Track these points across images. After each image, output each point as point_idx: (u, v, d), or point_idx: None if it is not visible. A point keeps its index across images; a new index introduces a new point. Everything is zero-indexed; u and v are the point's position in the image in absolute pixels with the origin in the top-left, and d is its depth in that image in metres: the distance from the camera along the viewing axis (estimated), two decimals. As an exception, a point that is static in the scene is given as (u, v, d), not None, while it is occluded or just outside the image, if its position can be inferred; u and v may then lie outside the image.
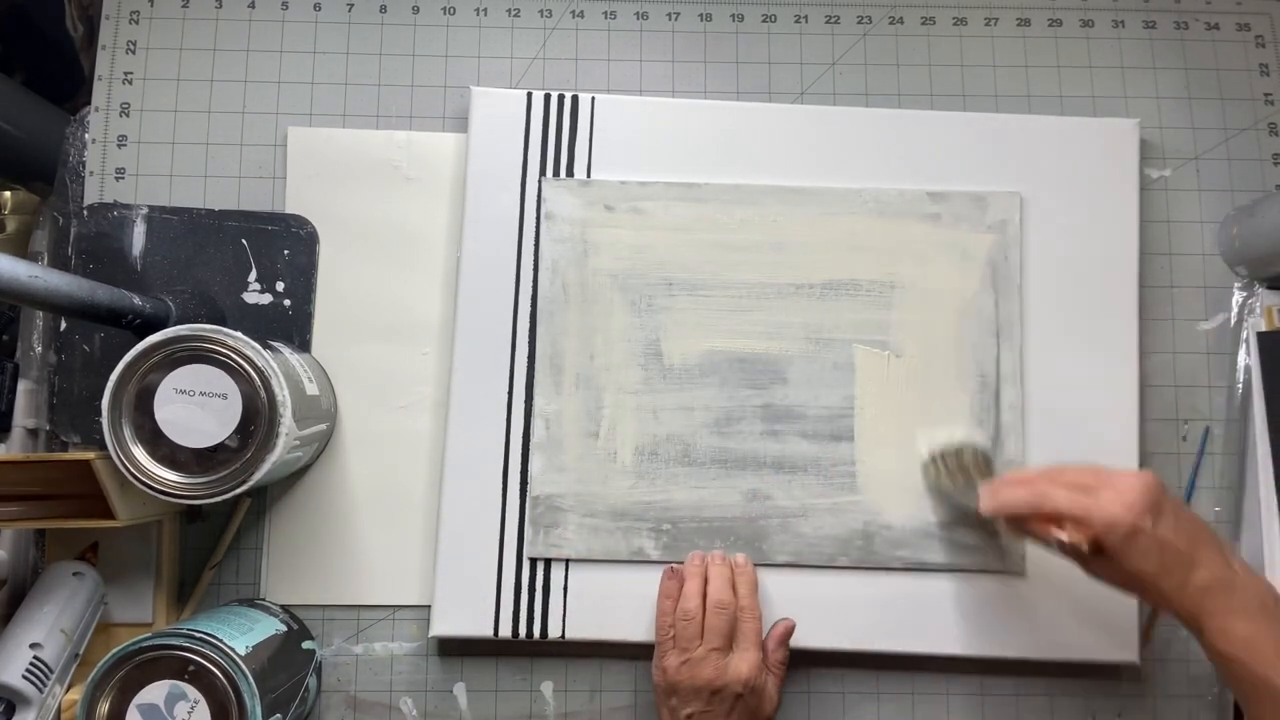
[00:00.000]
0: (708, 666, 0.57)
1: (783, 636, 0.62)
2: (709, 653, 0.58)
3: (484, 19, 0.71)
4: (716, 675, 0.57)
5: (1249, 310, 0.68)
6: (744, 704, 0.57)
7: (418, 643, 0.65)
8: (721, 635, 0.58)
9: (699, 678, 0.57)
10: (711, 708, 0.57)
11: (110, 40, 0.69)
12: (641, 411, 0.65)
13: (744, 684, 0.57)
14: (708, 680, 0.57)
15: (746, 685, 0.57)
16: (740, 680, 0.57)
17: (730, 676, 0.57)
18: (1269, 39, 0.71)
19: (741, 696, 0.57)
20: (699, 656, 0.58)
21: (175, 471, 0.53)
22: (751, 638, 0.59)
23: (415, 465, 0.66)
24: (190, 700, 0.52)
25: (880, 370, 0.65)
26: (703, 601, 0.60)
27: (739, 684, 0.57)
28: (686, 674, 0.57)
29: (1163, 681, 0.65)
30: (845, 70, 0.71)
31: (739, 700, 0.57)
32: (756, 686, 0.58)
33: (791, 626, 0.62)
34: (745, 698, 0.57)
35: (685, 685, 0.57)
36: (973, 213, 0.66)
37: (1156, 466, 0.67)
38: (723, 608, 0.59)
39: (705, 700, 0.57)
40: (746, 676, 0.57)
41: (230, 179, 0.68)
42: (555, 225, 0.66)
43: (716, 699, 0.57)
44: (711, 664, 0.57)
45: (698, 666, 0.57)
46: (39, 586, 0.60)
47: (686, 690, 0.57)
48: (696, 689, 0.57)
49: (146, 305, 0.58)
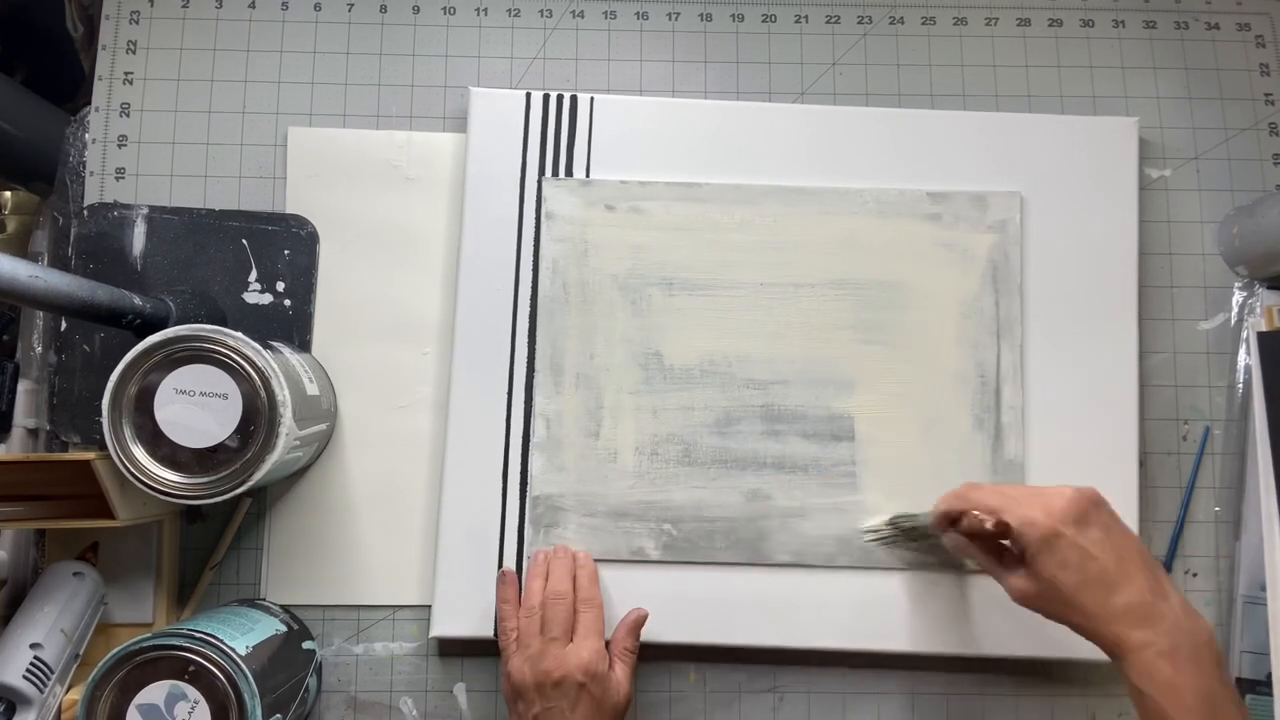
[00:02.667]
0: (547, 658, 0.56)
1: (633, 625, 0.61)
2: (548, 643, 0.57)
3: (484, 19, 0.71)
4: (556, 665, 0.55)
5: (1249, 310, 0.68)
6: (588, 694, 0.55)
7: (418, 643, 0.65)
8: (560, 625, 0.58)
9: (539, 670, 0.56)
10: (554, 702, 0.55)
11: (110, 40, 0.69)
12: (641, 411, 0.65)
13: (584, 671, 0.55)
14: (547, 671, 0.55)
15: (587, 673, 0.55)
16: (580, 667, 0.55)
17: (571, 665, 0.55)
18: (1269, 39, 0.71)
19: (584, 686, 0.55)
20: (538, 650, 0.57)
21: (175, 471, 0.53)
22: (592, 626, 0.58)
23: (415, 465, 0.66)
24: (190, 700, 0.52)
25: (880, 370, 0.65)
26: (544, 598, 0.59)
27: (579, 671, 0.55)
28: (529, 671, 0.56)
29: (1163, 681, 0.65)
30: (845, 70, 0.71)
31: (582, 690, 0.55)
32: (599, 674, 0.56)
33: (643, 616, 0.61)
34: (588, 687, 0.55)
35: (529, 684, 0.56)
36: (973, 213, 0.66)
37: (1156, 466, 0.67)
38: (560, 598, 0.59)
39: (547, 695, 0.55)
40: (586, 662, 0.56)
41: (230, 179, 0.68)
42: (555, 225, 0.66)
43: (558, 691, 0.55)
44: (551, 655, 0.56)
45: (538, 660, 0.56)
46: (39, 586, 0.60)
47: (530, 689, 0.56)
48: (539, 684, 0.55)
49: (147, 305, 0.58)
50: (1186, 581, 0.66)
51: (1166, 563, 0.66)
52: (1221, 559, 0.66)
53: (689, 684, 0.65)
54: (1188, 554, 0.66)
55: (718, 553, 0.64)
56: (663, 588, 0.63)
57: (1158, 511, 0.66)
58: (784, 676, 0.65)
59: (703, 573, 0.64)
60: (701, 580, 0.63)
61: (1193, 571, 0.66)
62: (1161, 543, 0.66)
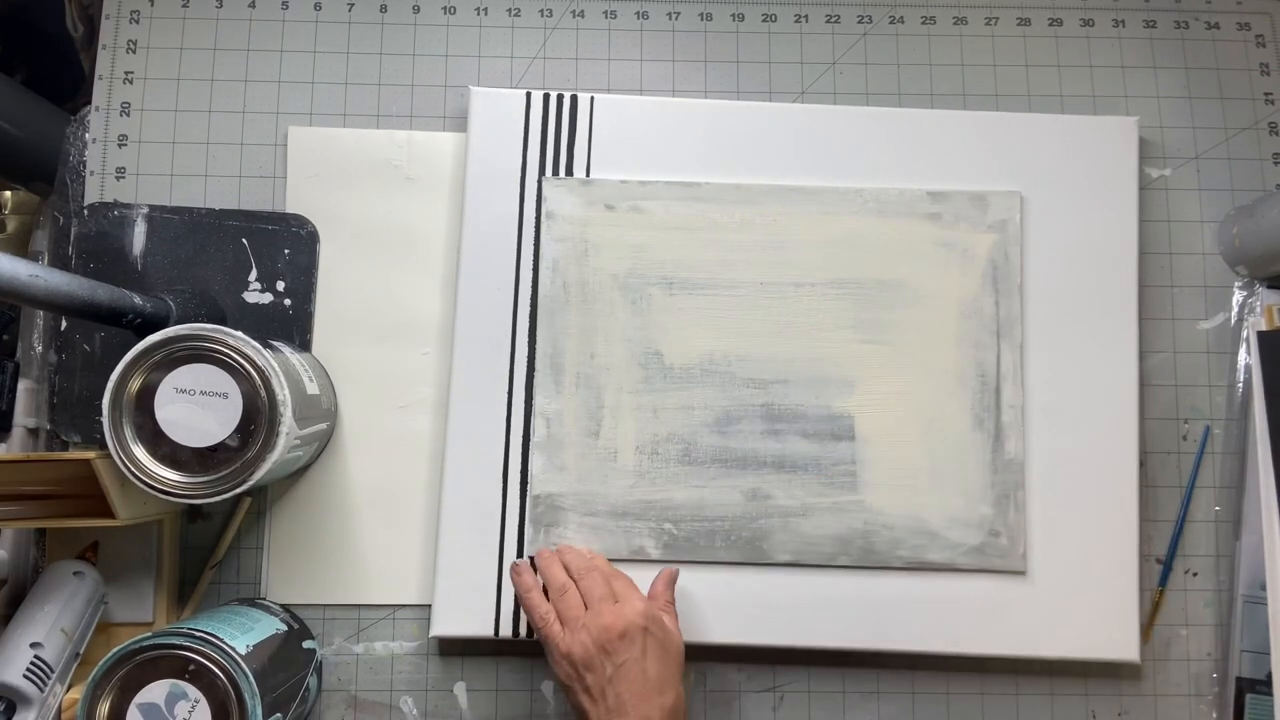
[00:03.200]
0: (604, 615, 0.55)
1: (669, 579, 0.61)
2: (598, 604, 0.56)
3: (484, 18, 0.71)
4: (616, 618, 0.55)
5: (1249, 310, 0.68)
6: (654, 639, 0.55)
7: (418, 642, 0.65)
8: (602, 588, 0.57)
9: (599, 628, 0.55)
10: (625, 654, 0.54)
11: (110, 40, 0.69)
12: (642, 411, 0.65)
13: (644, 616, 0.55)
14: (608, 627, 0.55)
15: (648, 617, 0.55)
16: (639, 614, 0.55)
17: (629, 615, 0.55)
18: (1269, 39, 0.71)
19: (648, 630, 0.55)
20: (592, 615, 0.56)
21: (176, 471, 0.53)
22: (629, 587, 0.59)
23: (415, 465, 0.66)
24: (191, 700, 0.52)
25: (880, 370, 0.65)
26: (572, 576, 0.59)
27: (640, 618, 0.55)
28: (589, 638, 0.55)
29: (1163, 681, 0.65)
30: (845, 70, 0.71)
31: (647, 636, 0.55)
32: (658, 619, 0.56)
33: (676, 572, 0.61)
34: (652, 631, 0.55)
35: (593, 650, 0.54)
36: (973, 212, 0.66)
37: (1156, 466, 0.67)
38: (591, 569, 0.59)
39: (616, 650, 0.54)
40: (643, 610, 0.56)
41: (230, 178, 0.68)
42: (555, 224, 0.66)
43: (625, 643, 0.54)
44: (607, 611, 0.55)
45: (595, 621, 0.55)
46: (39, 586, 0.60)
47: (595, 655, 0.54)
48: (603, 645, 0.54)
49: (147, 305, 0.58)
50: (1186, 581, 0.66)
51: (1166, 562, 0.66)
52: (1221, 559, 0.66)
53: (688, 683, 0.65)
54: (1188, 554, 0.66)
55: (718, 552, 0.64)
56: (663, 587, 0.63)
57: (1158, 511, 0.66)
58: (784, 676, 0.65)
59: (703, 572, 0.64)
60: (701, 580, 0.63)
61: (1193, 571, 0.66)
62: (1161, 542, 0.66)
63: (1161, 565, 0.66)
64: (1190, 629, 0.66)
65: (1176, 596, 0.66)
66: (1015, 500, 0.64)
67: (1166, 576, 0.66)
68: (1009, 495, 0.64)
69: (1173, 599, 0.66)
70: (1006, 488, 0.64)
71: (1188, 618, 0.66)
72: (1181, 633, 0.65)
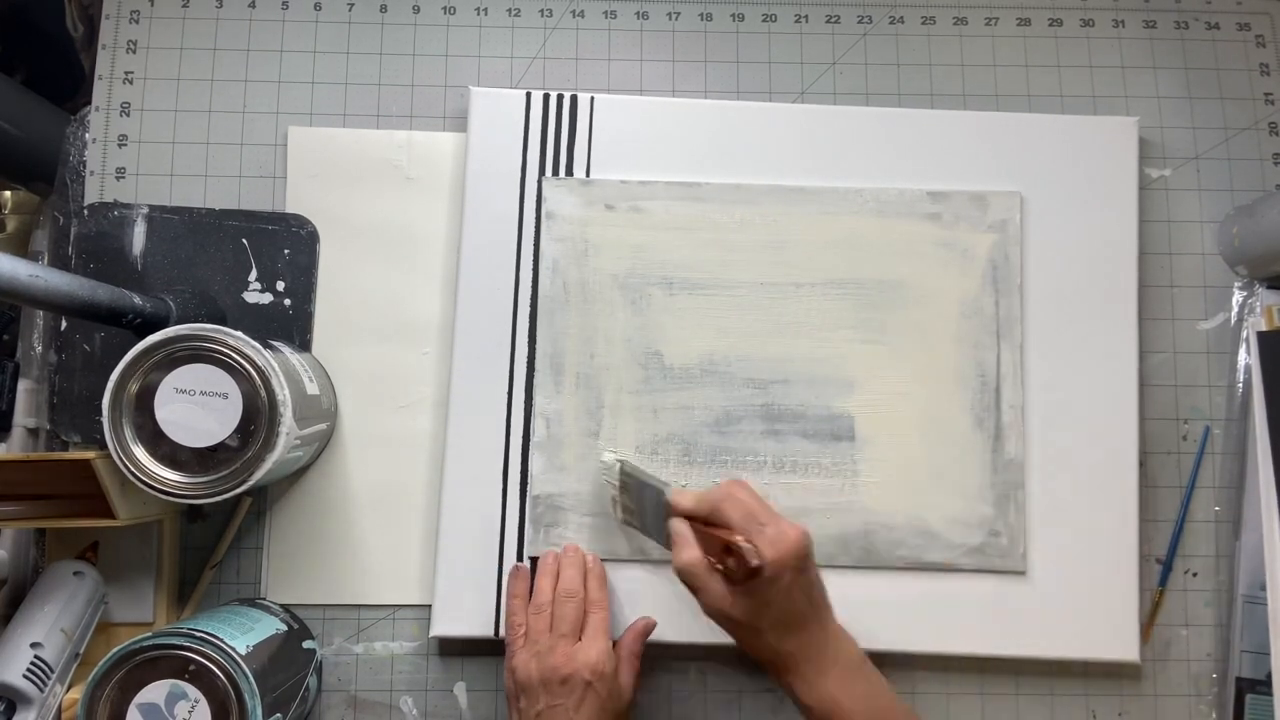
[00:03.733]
0: (556, 654, 0.56)
1: (641, 632, 0.61)
2: (557, 640, 0.57)
3: (484, 19, 0.71)
4: (564, 661, 0.55)
5: (1249, 310, 0.68)
6: (594, 693, 0.55)
7: (418, 642, 0.65)
8: (570, 623, 0.58)
9: (546, 666, 0.55)
10: (560, 700, 0.55)
11: (110, 40, 0.69)
12: (642, 411, 0.65)
13: (592, 670, 0.55)
14: (554, 667, 0.55)
15: (595, 672, 0.55)
16: (589, 666, 0.55)
17: (579, 662, 0.55)
18: (1269, 39, 0.71)
19: (591, 685, 0.55)
20: (547, 646, 0.56)
21: (176, 471, 0.53)
22: (600, 627, 0.58)
23: (415, 465, 0.66)
24: (191, 700, 0.52)
25: (880, 370, 0.65)
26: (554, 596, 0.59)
27: (587, 670, 0.55)
28: (535, 666, 0.56)
29: (1163, 681, 0.65)
30: (845, 70, 0.71)
31: (588, 689, 0.55)
32: (606, 675, 0.56)
33: (651, 625, 0.62)
34: (594, 686, 0.55)
35: (535, 680, 0.55)
36: (973, 212, 0.66)
37: (1156, 466, 0.67)
38: (571, 596, 0.59)
39: (553, 691, 0.55)
40: (595, 662, 0.55)
41: (230, 179, 0.68)
42: (555, 224, 0.66)
43: (564, 688, 0.55)
44: (560, 651, 0.56)
45: (546, 656, 0.56)
46: (39, 586, 0.60)
47: (535, 685, 0.55)
48: (545, 680, 0.55)
49: (147, 305, 0.58)
50: (1186, 581, 0.66)
51: (1166, 563, 0.66)
52: (1221, 559, 0.66)
53: (690, 683, 0.65)
54: (1188, 554, 0.66)
55: (718, 552, 0.64)
56: (664, 587, 0.63)
57: (1158, 511, 0.66)
58: (784, 676, 0.65)
59: (703, 572, 0.64)
60: (701, 580, 0.63)
61: (1193, 571, 0.66)
62: (1161, 542, 0.66)
63: (1161, 565, 0.66)
64: (1190, 629, 0.66)
65: (1176, 596, 0.66)
66: (1015, 500, 0.64)
67: (1166, 576, 0.66)
68: (1009, 495, 0.64)
69: (1173, 599, 0.66)
70: (1006, 488, 0.64)
71: (1188, 618, 0.66)
72: (1181, 633, 0.65)
